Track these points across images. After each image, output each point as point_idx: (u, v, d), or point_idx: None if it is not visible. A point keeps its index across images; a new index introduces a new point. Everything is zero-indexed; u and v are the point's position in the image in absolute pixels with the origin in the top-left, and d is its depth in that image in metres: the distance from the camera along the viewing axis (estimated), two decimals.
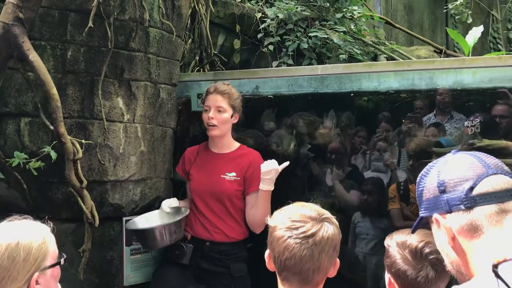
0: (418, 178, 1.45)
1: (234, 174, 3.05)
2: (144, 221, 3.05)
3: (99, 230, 2.98)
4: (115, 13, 2.89)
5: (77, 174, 2.76)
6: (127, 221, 3.13)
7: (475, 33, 4.60)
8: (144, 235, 2.94)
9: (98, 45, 2.91)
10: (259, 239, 3.22)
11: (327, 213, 1.74)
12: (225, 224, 3.02)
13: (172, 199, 3.11)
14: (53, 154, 2.74)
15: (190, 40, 3.60)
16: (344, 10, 4.88)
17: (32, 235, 1.72)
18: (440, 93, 4.57)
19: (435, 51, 6.20)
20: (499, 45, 6.97)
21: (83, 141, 2.82)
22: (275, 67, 4.70)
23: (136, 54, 3.02)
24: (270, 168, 2.88)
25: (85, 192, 2.79)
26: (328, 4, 4.97)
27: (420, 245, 1.87)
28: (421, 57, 5.69)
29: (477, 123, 3.87)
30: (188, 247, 3.00)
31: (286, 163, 2.93)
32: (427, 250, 1.85)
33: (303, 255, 1.64)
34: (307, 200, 2.16)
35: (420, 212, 1.41)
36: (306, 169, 4.20)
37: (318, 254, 1.65)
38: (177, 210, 3.07)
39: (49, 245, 1.74)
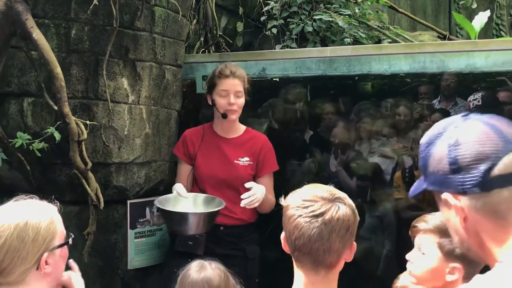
0: (422, 143, 1.26)
1: (247, 158, 3.02)
2: (171, 203, 2.92)
3: (103, 213, 2.93)
4: None
5: (82, 155, 2.71)
6: (131, 204, 3.09)
7: (482, 17, 4.53)
8: (183, 220, 2.81)
9: (103, 24, 2.84)
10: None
11: (341, 194, 1.70)
12: (237, 208, 2.98)
13: (180, 184, 2.99)
14: (57, 135, 2.69)
15: (195, 21, 3.53)
16: None
17: (40, 215, 1.69)
18: (445, 78, 4.54)
19: (438, 36, 6.13)
20: (502, 32, 6.92)
21: (88, 122, 2.77)
22: (277, 50, 4.64)
23: (141, 34, 2.96)
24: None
25: (90, 174, 2.74)
26: None
27: None
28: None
29: (479, 97, 3.81)
30: (201, 236, 2.90)
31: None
32: None
33: (311, 234, 1.60)
34: None
35: (424, 184, 1.27)
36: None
37: (328, 234, 1.61)
38: (198, 197, 2.99)
39: (57, 225, 1.72)
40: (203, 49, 3.64)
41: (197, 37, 3.62)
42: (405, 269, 2.30)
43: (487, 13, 4.64)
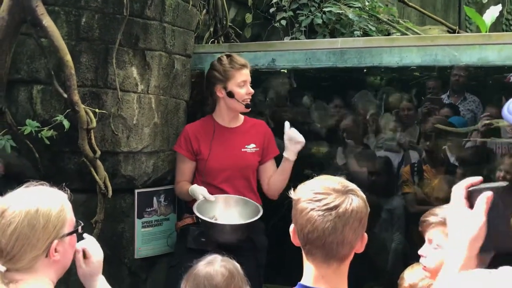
0: None
1: (253, 145, 3.03)
2: (205, 209, 2.86)
3: (110, 202, 2.93)
4: None
5: (91, 144, 2.71)
6: (139, 193, 3.09)
7: (493, 12, 4.48)
8: (226, 231, 2.81)
9: (113, 12, 2.83)
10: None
11: (352, 186, 1.68)
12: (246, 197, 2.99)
13: (197, 186, 2.94)
14: (66, 123, 2.68)
15: (204, 11, 3.51)
16: None
17: (51, 202, 1.67)
18: (454, 73, 4.51)
19: (448, 31, 6.08)
20: None
21: (97, 110, 2.76)
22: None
23: (151, 23, 2.94)
24: (301, 140, 2.91)
25: (99, 163, 2.74)
26: None
27: None
28: None
29: None
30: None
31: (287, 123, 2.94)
32: None
33: (325, 227, 1.58)
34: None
35: None
36: None
37: (341, 227, 1.59)
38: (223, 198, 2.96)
39: (67, 213, 1.69)
40: (212, 39, 3.62)
41: (206, 28, 3.59)
42: (412, 262, 2.29)
43: (499, 7, 4.59)
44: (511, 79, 3.49)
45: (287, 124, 2.94)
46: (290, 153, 2.95)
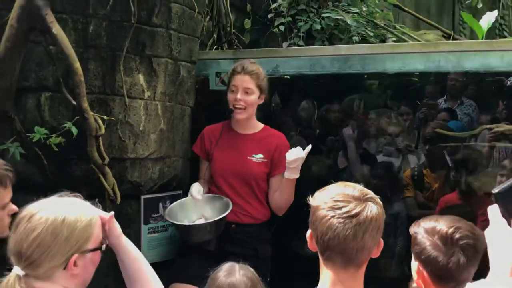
0: None
1: (261, 156, 3.03)
2: (180, 210, 3.00)
3: (116, 208, 2.93)
4: None
5: (99, 150, 2.73)
6: (145, 199, 3.10)
7: (489, 17, 4.55)
8: (192, 231, 2.91)
9: (120, 19, 2.85)
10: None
11: (370, 193, 1.71)
12: (250, 206, 3.01)
13: (197, 184, 3.04)
14: (74, 130, 2.70)
15: (208, 18, 3.54)
16: None
17: (79, 215, 1.64)
18: (451, 78, 4.57)
19: (443, 35, 6.15)
20: (505, 32, 6.96)
21: (105, 117, 2.78)
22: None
23: (158, 30, 2.97)
24: (296, 157, 2.82)
25: (107, 169, 2.75)
26: None
27: (451, 230, 1.84)
28: (429, 41, 5.65)
29: None
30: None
31: (309, 147, 2.89)
32: (457, 235, 1.83)
33: (346, 234, 1.61)
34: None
35: None
36: None
37: (361, 234, 1.62)
38: (211, 198, 3.04)
39: (94, 228, 1.67)
40: (216, 45, 3.65)
41: (209, 34, 3.62)
42: None
43: (495, 13, 4.66)
44: (509, 83, 3.55)
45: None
46: (288, 172, 2.89)
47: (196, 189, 3.00)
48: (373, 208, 1.65)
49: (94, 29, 2.82)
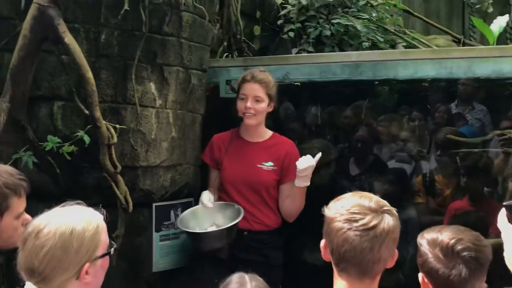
0: None
1: (271, 163, 3.03)
2: (192, 218, 3.01)
3: (128, 216, 2.95)
4: None
5: (111, 159, 2.74)
6: (156, 207, 3.11)
7: (500, 22, 4.53)
8: (204, 238, 2.91)
9: (132, 28, 2.87)
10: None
11: (387, 204, 1.70)
12: (261, 213, 3.01)
13: (207, 192, 3.05)
14: (87, 139, 2.73)
15: (218, 26, 3.54)
16: None
17: (86, 224, 1.64)
18: (462, 83, 4.55)
19: (453, 40, 6.12)
20: None
21: (117, 126, 2.79)
22: (295, 54, 4.66)
23: (169, 39, 2.98)
24: (307, 166, 2.83)
25: (119, 178, 2.77)
26: None
27: (452, 242, 1.83)
28: (440, 46, 5.63)
29: None
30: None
31: (319, 155, 2.89)
32: (459, 247, 1.82)
33: (363, 247, 1.61)
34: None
35: None
36: None
37: (378, 247, 1.62)
38: (223, 206, 3.04)
39: (101, 235, 1.68)
40: (227, 53, 3.66)
41: (219, 42, 3.63)
42: None
43: (506, 17, 4.64)
44: None
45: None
46: (298, 180, 2.91)
47: (206, 197, 3.01)
48: (390, 220, 1.65)
49: (106, 39, 2.84)
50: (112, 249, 1.74)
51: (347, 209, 1.66)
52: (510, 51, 2.74)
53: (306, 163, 2.83)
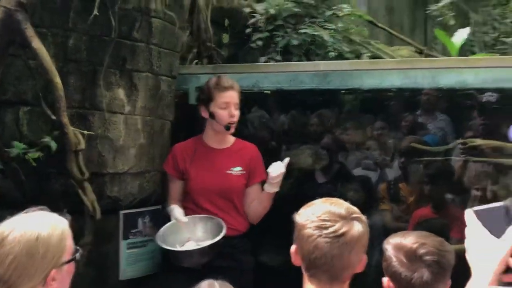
0: None
1: (240, 168, 3.05)
2: (170, 234, 2.92)
3: (96, 223, 2.91)
4: (119, 2, 2.82)
5: (79, 165, 2.70)
6: (124, 214, 3.08)
7: (462, 34, 4.68)
8: (188, 255, 2.84)
9: (101, 34, 2.84)
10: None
11: (356, 211, 1.74)
12: (232, 218, 3.02)
13: (177, 206, 2.98)
14: (53, 145, 2.68)
15: (188, 32, 3.55)
16: (334, 7, 4.91)
17: (51, 230, 1.63)
18: (425, 93, 4.67)
19: (416, 51, 6.28)
20: (474, 48, 7.12)
21: (85, 132, 2.76)
22: (263, 62, 4.70)
23: (138, 45, 2.97)
24: (279, 173, 2.89)
25: (87, 185, 2.73)
26: (317, 1, 4.98)
27: (415, 246, 1.88)
28: (404, 57, 5.77)
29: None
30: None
31: (287, 160, 2.94)
32: (422, 251, 1.87)
33: (333, 254, 1.64)
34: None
35: None
36: None
37: (348, 253, 1.65)
38: (202, 219, 2.99)
39: (67, 240, 1.67)
40: (196, 60, 3.66)
41: (189, 49, 3.63)
42: None
43: (467, 29, 4.80)
44: (484, 99, 3.64)
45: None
46: (268, 186, 2.97)
47: (179, 211, 2.95)
48: (359, 227, 1.68)
49: (74, 43, 2.81)
50: (78, 254, 1.73)
51: (317, 216, 1.69)
52: (472, 62, 2.83)
53: (278, 170, 2.87)
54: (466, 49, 7.21)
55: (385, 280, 1.94)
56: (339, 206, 1.72)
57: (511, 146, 3.40)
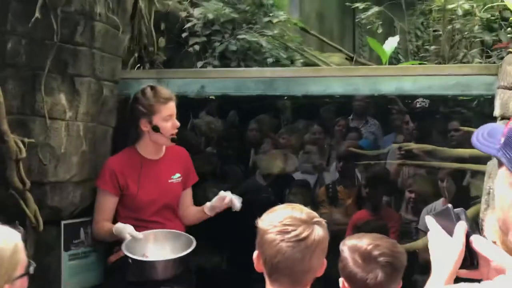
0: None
1: (178, 175, 3.04)
2: (133, 249, 2.74)
3: (36, 235, 2.79)
4: (61, 5, 2.72)
5: (20, 175, 2.58)
6: (65, 225, 2.97)
7: (392, 42, 4.89)
8: (153, 267, 2.72)
9: (42, 37, 2.72)
10: None
11: (317, 216, 1.78)
12: (175, 224, 3.00)
13: (128, 225, 2.79)
14: None
15: (128, 37, 3.46)
16: (271, 15, 4.97)
17: (4, 244, 1.57)
18: (357, 99, 4.85)
19: (346, 58, 6.48)
20: (399, 55, 7.45)
21: (26, 139, 2.64)
22: (200, 67, 4.69)
23: (81, 49, 2.87)
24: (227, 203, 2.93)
25: (28, 195, 2.62)
26: (253, 8, 5.03)
27: (370, 247, 1.95)
28: (335, 64, 5.94)
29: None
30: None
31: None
32: (376, 252, 1.94)
33: (295, 258, 1.67)
34: None
35: (498, 153, 1.18)
36: None
37: (309, 257, 1.68)
38: (158, 234, 2.89)
39: (20, 254, 1.62)
40: (138, 65, 3.59)
41: (130, 53, 3.55)
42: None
43: (396, 38, 5.03)
44: (417, 104, 3.83)
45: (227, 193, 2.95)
46: (210, 210, 2.97)
47: (131, 228, 2.76)
48: (320, 231, 1.72)
49: (13, 47, 2.68)
50: (32, 268, 1.69)
51: (279, 221, 1.71)
52: (411, 71, 2.97)
53: (238, 203, 2.91)
54: (392, 56, 7.55)
55: (341, 280, 1.99)
56: (300, 211, 1.75)
57: (441, 150, 3.59)
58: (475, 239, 1.26)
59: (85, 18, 2.84)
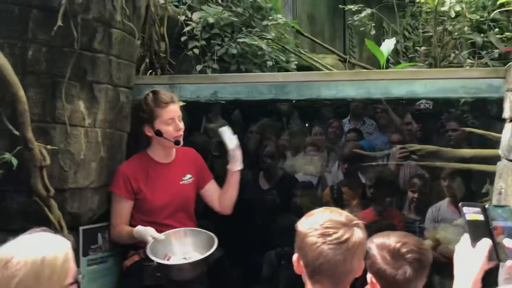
0: None
1: (189, 176, 3.08)
2: (156, 250, 2.78)
3: None
4: (81, 12, 2.74)
5: (43, 182, 2.59)
6: (84, 230, 2.98)
7: (389, 44, 4.99)
8: (184, 269, 2.76)
9: (61, 45, 2.74)
10: None
11: (355, 218, 1.84)
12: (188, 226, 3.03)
13: (150, 228, 2.84)
14: (14, 161, 2.54)
15: (139, 42, 3.48)
16: (269, 18, 5.03)
17: (56, 251, 1.61)
18: (355, 101, 4.94)
19: (339, 59, 6.58)
20: (389, 56, 7.57)
21: (49, 146, 2.65)
22: (199, 71, 4.72)
23: (99, 56, 2.89)
24: (236, 142, 2.98)
25: (52, 202, 2.63)
26: (252, 11, 5.08)
27: (398, 245, 2.03)
28: (329, 65, 6.03)
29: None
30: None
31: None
32: (404, 249, 2.02)
33: (337, 260, 1.72)
34: None
35: None
36: None
37: (350, 259, 1.74)
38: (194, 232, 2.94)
39: (71, 262, 1.65)
40: (150, 71, 3.61)
41: (140, 59, 3.57)
42: None
43: (393, 40, 5.12)
44: (421, 106, 3.93)
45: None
46: (233, 164, 3.03)
47: (153, 230, 2.81)
48: (360, 233, 1.78)
49: (33, 55, 2.69)
50: (80, 276, 1.71)
51: (320, 224, 1.77)
52: (421, 75, 3.05)
53: (234, 141, 2.96)
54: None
55: (369, 276, 2.05)
56: (340, 214, 1.82)
57: (444, 150, 3.69)
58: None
59: (103, 25, 2.86)
